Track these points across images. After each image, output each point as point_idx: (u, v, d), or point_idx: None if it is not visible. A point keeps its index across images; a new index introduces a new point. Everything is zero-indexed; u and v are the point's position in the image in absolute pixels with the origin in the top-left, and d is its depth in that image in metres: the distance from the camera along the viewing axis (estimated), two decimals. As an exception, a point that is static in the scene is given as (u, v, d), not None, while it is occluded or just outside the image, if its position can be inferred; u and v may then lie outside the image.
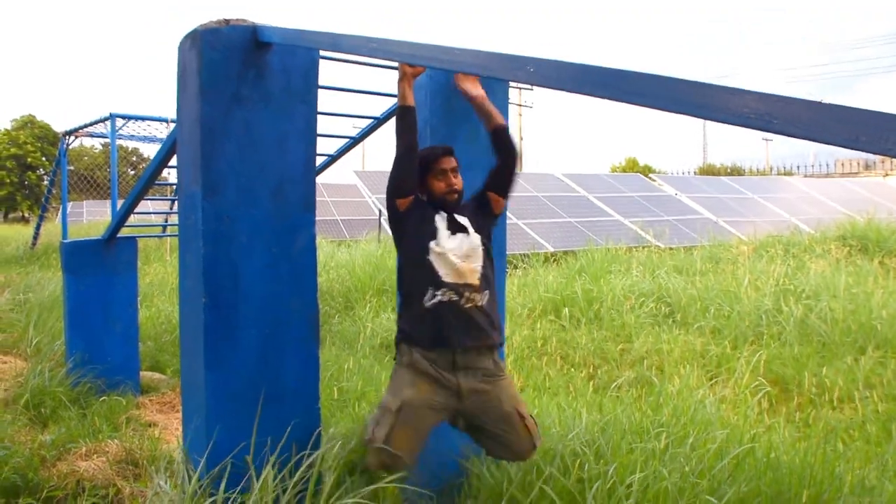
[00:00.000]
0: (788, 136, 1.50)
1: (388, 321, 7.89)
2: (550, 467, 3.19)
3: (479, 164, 3.54)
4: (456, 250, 2.95)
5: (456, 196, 3.09)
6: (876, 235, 12.10)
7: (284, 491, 2.73)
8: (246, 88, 2.94)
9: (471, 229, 3.05)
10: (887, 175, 31.76)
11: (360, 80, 4.18)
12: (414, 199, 3.06)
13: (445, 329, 2.88)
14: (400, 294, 3.12)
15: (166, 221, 8.97)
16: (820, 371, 5.89)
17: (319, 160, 5.08)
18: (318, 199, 3.21)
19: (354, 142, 4.80)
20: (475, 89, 3.20)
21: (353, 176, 18.11)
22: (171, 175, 6.90)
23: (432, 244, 2.95)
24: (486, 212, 3.22)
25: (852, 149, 1.41)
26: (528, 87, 41.38)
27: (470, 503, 3.27)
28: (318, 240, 14.31)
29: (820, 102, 1.39)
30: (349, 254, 12.27)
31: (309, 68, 3.13)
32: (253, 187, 2.97)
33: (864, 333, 6.71)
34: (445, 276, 2.91)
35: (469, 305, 2.92)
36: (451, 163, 3.11)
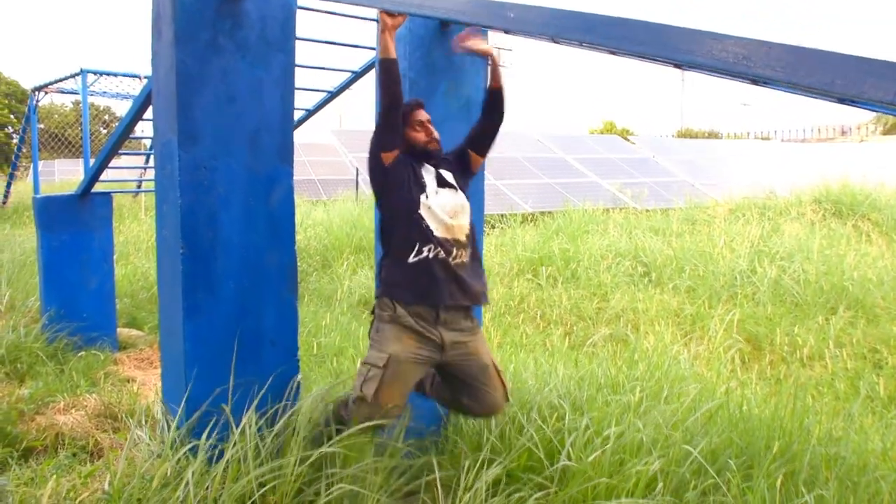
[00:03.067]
0: (767, 81, 1.50)
1: (365, 278, 7.90)
2: (529, 419, 3.24)
3: (457, 118, 3.53)
4: (445, 206, 2.95)
5: (437, 145, 3.10)
6: (850, 199, 12.23)
7: (264, 439, 2.74)
8: (222, 37, 2.90)
9: (457, 186, 3.06)
10: (863, 140, 32.02)
11: (338, 35, 4.12)
12: (400, 152, 3.02)
13: (432, 285, 2.87)
14: (383, 248, 3.08)
15: (141, 178, 8.86)
16: (792, 330, 6.00)
17: (297, 114, 5.03)
18: (294, 157, 3.18)
19: (332, 95, 4.76)
20: (484, 44, 3.15)
21: (331, 135, 17.95)
22: (145, 130, 6.79)
23: (422, 198, 2.93)
24: (464, 169, 3.22)
25: (828, 93, 1.42)
26: (507, 48, 41.11)
27: (448, 455, 3.31)
28: (295, 199, 14.14)
29: (798, 46, 1.40)
30: (326, 212, 12.23)
31: (286, 17, 3.09)
32: (230, 137, 2.94)
33: (835, 294, 6.82)
34: (436, 230, 2.90)
35: (457, 261, 2.92)
36: (425, 114, 3.12)
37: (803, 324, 6.18)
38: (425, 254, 2.87)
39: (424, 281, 2.88)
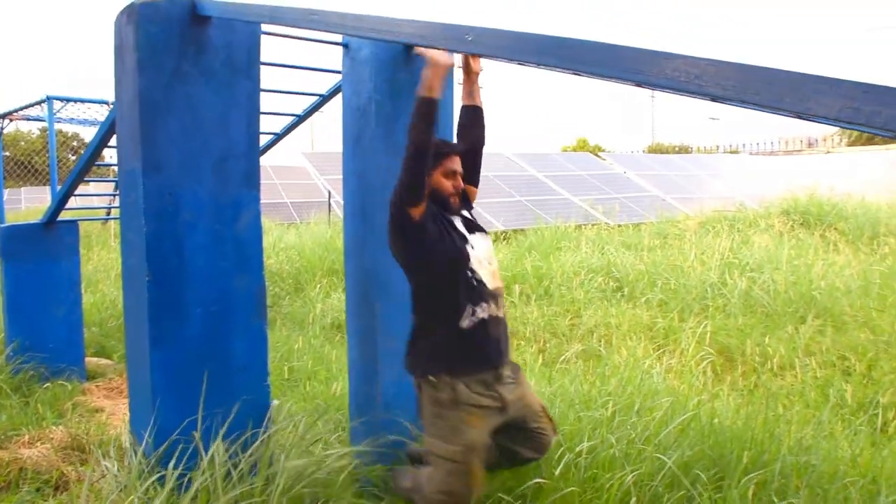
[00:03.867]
0: (717, 99, 1.53)
1: (338, 301, 7.88)
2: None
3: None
4: (483, 253, 2.72)
5: (458, 200, 2.85)
6: (817, 210, 12.42)
7: (235, 467, 2.72)
8: (187, 64, 2.90)
9: (482, 228, 2.85)
10: (829, 152, 32.56)
11: (304, 59, 4.14)
12: (427, 203, 2.68)
13: (490, 348, 2.65)
14: (418, 318, 2.78)
15: (110, 205, 8.78)
16: (763, 340, 6.05)
17: (265, 138, 5.03)
18: (266, 181, 3.19)
19: (300, 119, 4.76)
20: (477, 65, 2.97)
21: (302, 158, 17.92)
22: (114, 157, 6.74)
23: (468, 249, 2.67)
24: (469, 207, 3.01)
25: (777, 110, 1.45)
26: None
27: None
28: (267, 222, 14.00)
29: (747, 64, 1.43)
30: (298, 236, 12.20)
31: (251, 43, 3.09)
32: (196, 164, 2.93)
33: (804, 303, 6.90)
34: (488, 282, 2.67)
35: (504, 311, 2.73)
36: (459, 163, 2.85)
37: (773, 334, 6.25)
38: (479, 314, 2.62)
39: (482, 345, 2.63)
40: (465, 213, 2.84)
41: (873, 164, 24.33)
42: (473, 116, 2.99)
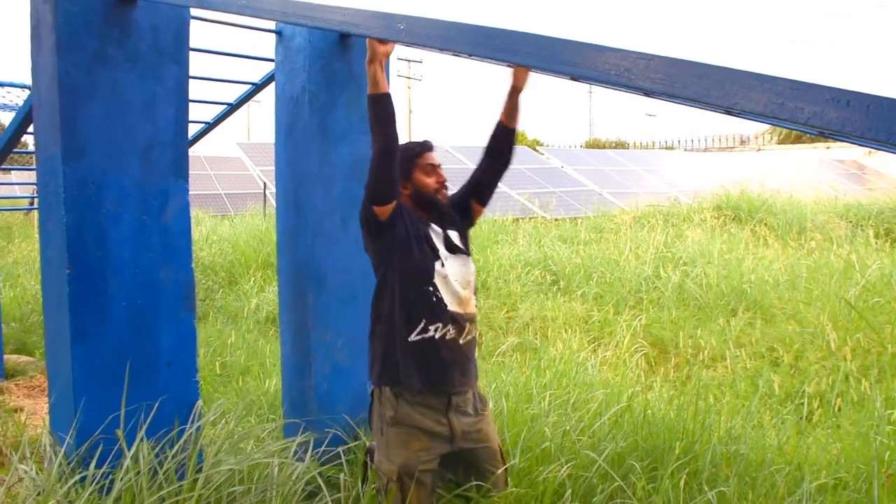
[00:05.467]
0: (647, 92, 1.53)
1: (273, 295, 7.76)
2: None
3: (359, 130, 3.50)
4: (457, 275, 2.59)
5: (446, 193, 2.74)
6: (748, 205, 12.76)
7: (161, 464, 2.63)
8: (111, 47, 2.79)
9: (465, 250, 2.71)
10: (760, 149, 33.45)
11: (237, 46, 4.04)
12: (397, 204, 2.58)
13: (438, 370, 2.52)
14: (375, 314, 2.67)
15: (33, 195, 8.48)
16: (695, 333, 6.18)
17: (196, 127, 4.91)
18: (199, 172, 3.11)
19: (232, 108, 4.66)
20: (523, 81, 2.72)
21: (237, 148, 17.61)
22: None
23: (437, 266, 2.55)
24: (466, 224, 2.86)
25: (707, 104, 1.45)
26: (418, 59, 41.34)
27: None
28: (200, 214, 13.75)
29: (677, 58, 1.43)
30: (233, 228, 11.98)
31: (179, 27, 3.00)
32: (120, 152, 2.82)
33: (735, 296, 7.08)
34: (450, 304, 2.54)
35: (467, 339, 2.58)
36: (435, 157, 2.75)
37: (706, 326, 6.39)
38: (431, 333, 2.50)
39: (429, 365, 2.51)
40: (449, 231, 2.68)
41: (802, 162, 25.13)
42: (508, 138, 2.81)
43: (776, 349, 5.76)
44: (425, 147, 2.74)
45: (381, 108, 2.51)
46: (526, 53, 1.56)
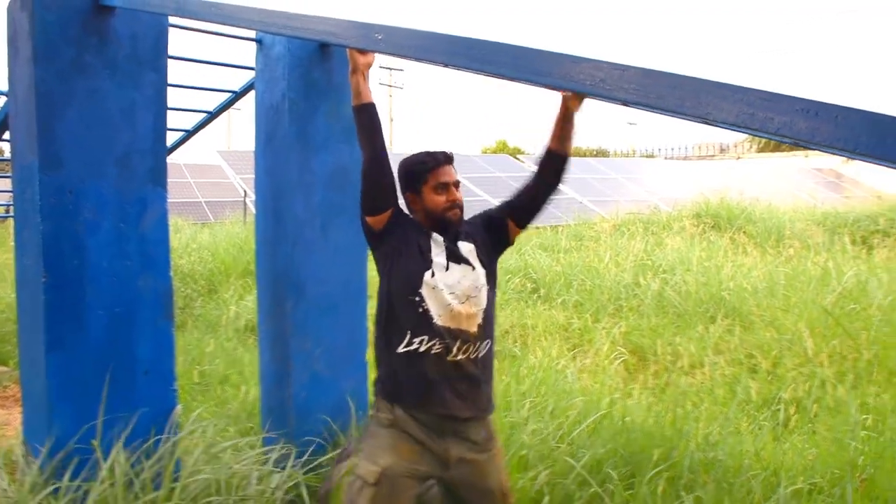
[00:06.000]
0: (623, 102, 1.55)
1: (252, 303, 7.71)
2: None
3: (339, 139, 3.50)
4: (454, 287, 2.39)
5: (459, 212, 2.50)
6: (727, 213, 12.86)
7: (138, 475, 2.61)
8: (88, 55, 2.78)
9: (476, 263, 2.47)
10: (739, 158, 33.74)
11: (217, 55, 4.04)
12: (393, 213, 2.47)
13: (426, 386, 2.34)
14: (376, 329, 2.53)
15: (10, 203, 8.39)
16: (674, 340, 6.21)
17: (176, 135, 4.89)
18: (179, 180, 3.11)
19: (211, 116, 4.64)
20: (577, 105, 2.48)
21: (217, 156, 17.53)
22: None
23: (427, 275, 2.38)
24: (496, 242, 2.62)
25: (680, 114, 1.47)
26: (399, 68, 41.42)
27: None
28: (179, 222, 13.60)
29: (651, 69, 1.45)
30: (212, 236, 11.92)
31: (158, 35, 3.00)
32: (98, 160, 2.82)
33: (714, 303, 7.12)
34: (438, 317, 2.35)
35: (458, 359, 2.35)
36: (452, 174, 2.51)
37: (685, 333, 6.42)
38: (415, 346, 2.34)
39: (413, 381, 2.35)
40: (461, 241, 2.48)
41: (780, 170, 25.38)
42: (558, 164, 2.61)
43: (754, 356, 5.79)
44: (439, 161, 2.50)
45: (366, 119, 2.45)
46: (502, 63, 1.58)
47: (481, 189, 17.38)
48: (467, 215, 2.56)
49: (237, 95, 4.32)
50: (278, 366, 3.49)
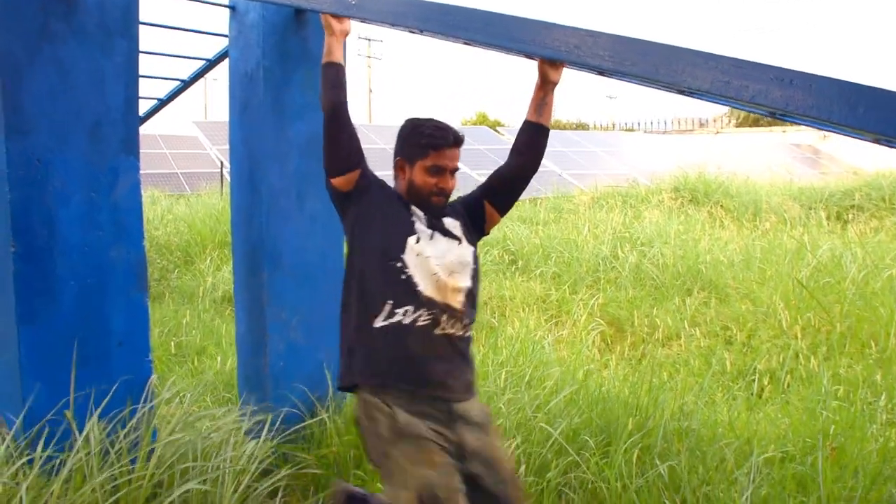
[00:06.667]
0: (598, 70, 1.53)
1: (229, 274, 7.69)
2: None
3: (314, 107, 3.45)
4: (442, 258, 2.19)
5: (443, 200, 2.31)
6: (705, 187, 12.92)
7: (113, 444, 2.60)
8: (55, 21, 2.71)
9: (463, 238, 2.31)
10: (718, 132, 33.87)
11: (193, 22, 3.97)
12: (362, 174, 2.30)
13: (417, 361, 2.12)
14: (344, 308, 2.28)
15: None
16: (651, 312, 6.26)
17: (148, 104, 4.82)
18: (154, 150, 3.05)
19: (185, 84, 4.58)
20: (557, 74, 2.17)
21: (194, 127, 17.28)
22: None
23: (410, 241, 2.18)
24: (474, 225, 2.42)
25: (654, 81, 1.46)
26: (378, 39, 41.03)
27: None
28: (155, 193, 13.46)
29: (624, 36, 1.44)
30: (189, 207, 11.83)
31: (128, 1, 2.93)
32: (68, 128, 2.76)
33: (691, 276, 7.18)
34: (423, 286, 2.14)
35: (449, 332, 2.16)
36: (455, 159, 2.31)
37: (661, 305, 6.47)
38: (398, 317, 2.11)
39: (398, 357, 2.12)
40: (448, 219, 2.31)
41: (758, 146, 25.52)
42: (535, 137, 2.38)
43: (730, 328, 5.86)
44: (447, 142, 2.25)
45: (332, 74, 2.33)
46: (475, 30, 1.56)
47: (460, 161, 17.33)
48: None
49: (211, 63, 4.26)
50: (255, 336, 3.48)
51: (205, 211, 10.96)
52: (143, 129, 3.23)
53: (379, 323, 2.11)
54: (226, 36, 3.65)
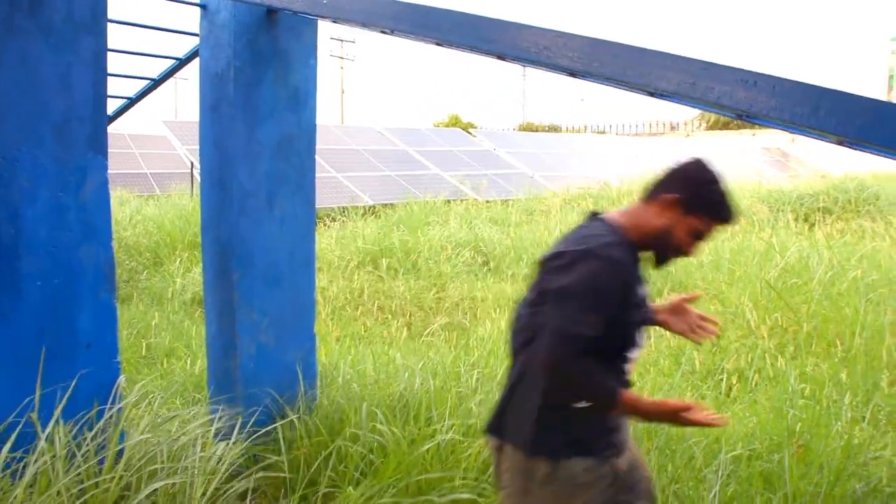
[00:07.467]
0: (568, 71, 1.55)
1: (199, 276, 7.63)
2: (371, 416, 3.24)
3: (286, 107, 3.46)
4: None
5: (676, 260, 2.21)
6: (675, 188, 13.03)
7: (80, 447, 2.57)
8: (20, 16, 2.67)
9: None
10: (689, 135, 34.23)
11: (163, 21, 3.93)
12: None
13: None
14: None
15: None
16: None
17: (117, 102, 4.76)
18: (123, 150, 3.02)
19: (155, 83, 4.53)
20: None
21: (164, 127, 17.10)
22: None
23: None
24: None
25: (623, 83, 1.48)
26: (350, 39, 40.89)
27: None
28: (124, 193, 13.30)
29: (595, 38, 1.45)
30: (158, 208, 11.71)
31: (96, -3, 2.89)
32: (34, 126, 2.71)
33: (661, 277, 7.24)
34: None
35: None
36: (721, 232, 2.22)
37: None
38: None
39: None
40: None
41: (728, 148, 25.81)
42: None
43: (699, 328, 5.91)
44: (731, 222, 2.08)
45: (602, 408, 1.96)
46: (447, 30, 1.57)
47: (431, 162, 17.34)
48: (411, 183, 2.45)
49: (181, 62, 4.22)
50: (225, 337, 3.45)
51: (174, 212, 10.86)
52: (112, 129, 3.20)
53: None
54: (196, 35, 3.62)
